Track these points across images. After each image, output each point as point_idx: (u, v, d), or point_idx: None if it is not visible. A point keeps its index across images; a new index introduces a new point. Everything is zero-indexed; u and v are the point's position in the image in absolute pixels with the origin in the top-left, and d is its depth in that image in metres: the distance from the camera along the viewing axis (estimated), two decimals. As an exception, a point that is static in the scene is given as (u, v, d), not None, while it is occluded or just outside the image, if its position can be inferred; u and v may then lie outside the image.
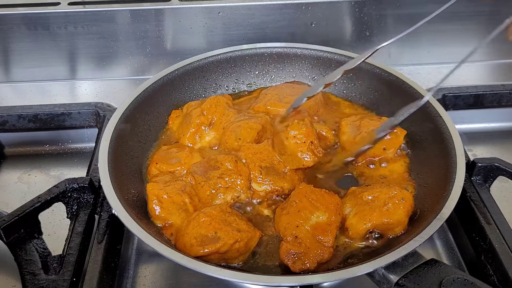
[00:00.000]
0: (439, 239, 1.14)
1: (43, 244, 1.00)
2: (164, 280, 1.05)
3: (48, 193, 1.04)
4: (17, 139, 1.37)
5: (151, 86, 1.22)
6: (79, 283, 0.95)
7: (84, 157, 1.34)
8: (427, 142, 1.15)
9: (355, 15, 1.49)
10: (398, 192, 1.01)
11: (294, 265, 0.92)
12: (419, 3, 1.45)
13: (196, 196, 1.05)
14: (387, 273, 0.86)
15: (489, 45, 1.60)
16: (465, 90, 1.38)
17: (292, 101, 1.25)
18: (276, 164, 1.10)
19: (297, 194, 1.02)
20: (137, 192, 1.06)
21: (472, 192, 1.09)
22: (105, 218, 1.03)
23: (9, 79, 1.54)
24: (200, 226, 0.94)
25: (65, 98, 1.49)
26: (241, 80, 1.39)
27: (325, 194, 1.02)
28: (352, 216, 1.00)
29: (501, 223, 1.02)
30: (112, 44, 1.49)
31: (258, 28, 1.49)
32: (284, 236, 0.96)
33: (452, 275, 0.84)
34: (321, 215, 0.98)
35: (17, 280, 0.96)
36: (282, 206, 1.03)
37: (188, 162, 1.12)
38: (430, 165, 1.10)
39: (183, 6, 1.44)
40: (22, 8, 1.42)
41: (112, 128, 1.09)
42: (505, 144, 1.42)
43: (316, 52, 1.36)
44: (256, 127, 1.17)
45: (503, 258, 0.96)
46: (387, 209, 0.98)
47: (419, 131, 1.18)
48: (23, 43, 1.46)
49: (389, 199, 0.99)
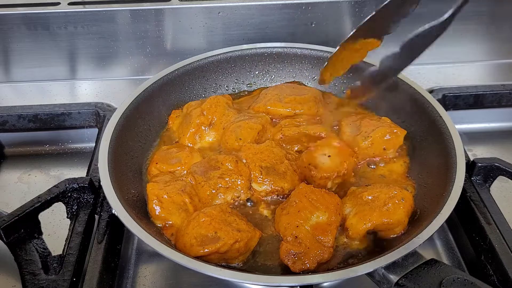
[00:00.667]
0: (439, 239, 1.14)
1: (43, 244, 1.00)
2: (164, 280, 1.05)
3: (48, 193, 1.04)
4: (17, 139, 1.37)
5: (151, 86, 1.22)
6: (79, 283, 0.95)
7: (84, 157, 1.34)
8: (427, 142, 1.15)
9: (355, 15, 1.49)
10: (398, 192, 1.01)
11: (294, 265, 0.92)
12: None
13: (196, 196, 1.05)
14: (387, 273, 0.86)
15: (489, 45, 1.61)
16: (465, 90, 1.38)
17: (292, 101, 1.26)
18: (276, 164, 1.10)
19: (297, 194, 1.01)
20: (137, 192, 1.06)
21: (472, 192, 1.09)
22: (105, 218, 1.03)
23: (9, 79, 1.54)
24: (200, 226, 0.94)
25: (65, 98, 1.49)
26: (241, 80, 1.39)
27: (325, 194, 1.02)
28: (352, 216, 1.00)
29: (501, 223, 1.02)
30: (112, 44, 1.49)
31: (258, 28, 1.49)
32: (284, 236, 0.96)
33: (452, 275, 0.84)
34: (321, 215, 0.98)
35: (17, 280, 0.96)
36: (282, 206, 1.03)
37: (188, 162, 1.12)
38: (430, 165, 1.10)
39: (183, 6, 1.44)
40: (22, 8, 1.42)
41: (112, 128, 1.09)
42: (505, 144, 1.42)
43: (316, 52, 1.37)
44: (257, 127, 1.17)
45: (503, 258, 0.96)
46: (387, 209, 0.98)
47: (419, 131, 1.18)
48: (23, 43, 1.46)
49: (389, 199, 0.99)
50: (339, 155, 1.07)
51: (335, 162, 1.06)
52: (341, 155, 1.07)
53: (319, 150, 1.08)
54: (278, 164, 1.10)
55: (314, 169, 1.06)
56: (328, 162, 1.06)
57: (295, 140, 1.18)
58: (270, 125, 1.23)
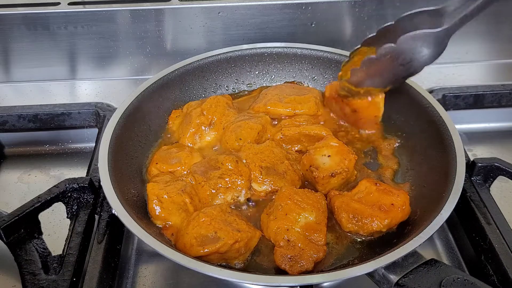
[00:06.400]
0: (439, 239, 1.14)
1: (43, 244, 1.00)
2: (164, 280, 1.05)
3: (48, 193, 1.04)
4: (17, 139, 1.38)
5: (151, 86, 1.22)
6: (79, 283, 0.95)
7: (84, 157, 1.34)
8: (427, 142, 1.15)
9: (355, 15, 1.49)
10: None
11: (292, 268, 0.92)
12: (419, 3, 1.45)
13: (196, 196, 1.05)
14: (387, 273, 0.86)
15: (489, 45, 1.61)
16: (465, 90, 1.38)
17: (292, 101, 1.26)
18: (276, 164, 1.10)
19: (281, 197, 1.01)
20: (137, 192, 1.06)
21: (472, 192, 1.09)
22: (105, 218, 1.03)
23: (9, 79, 1.54)
24: (200, 226, 0.94)
25: (65, 98, 1.49)
26: (241, 80, 1.39)
27: (308, 194, 1.02)
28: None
29: (501, 223, 1.02)
30: (112, 44, 1.49)
31: (258, 28, 1.49)
32: (276, 242, 0.96)
33: (452, 275, 0.84)
34: (309, 215, 0.98)
35: (17, 280, 0.96)
36: (267, 211, 1.03)
37: (188, 162, 1.12)
38: (430, 165, 1.10)
39: (183, 6, 1.44)
40: (22, 8, 1.42)
41: (112, 128, 1.09)
42: (505, 144, 1.42)
43: (316, 52, 1.37)
44: (257, 127, 1.17)
45: (503, 258, 0.96)
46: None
47: (419, 131, 1.18)
48: (23, 43, 1.46)
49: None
50: (338, 154, 1.07)
51: (335, 161, 1.06)
52: (341, 153, 1.07)
53: (318, 152, 1.09)
54: (278, 164, 1.10)
55: (316, 170, 1.06)
56: (329, 161, 1.07)
57: (295, 140, 1.18)
58: (270, 125, 1.23)
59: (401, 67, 1.06)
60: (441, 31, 0.98)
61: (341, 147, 1.09)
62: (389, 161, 1.19)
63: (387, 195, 1.01)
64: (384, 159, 1.19)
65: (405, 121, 1.23)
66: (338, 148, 1.09)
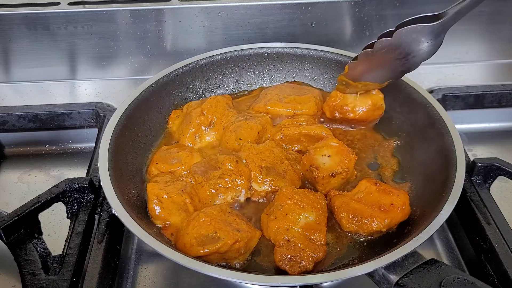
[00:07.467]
0: (439, 239, 1.14)
1: (43, 244, 1.00)
2: (164, 280, 1.05)
3: (48, 193, 1.04)
4: (17, 139, 1.38)
5: (151, 86, 1.22)
6: (79, 283, 0.95)
7: (84, 157, 1.34)
8: (427, 142, 1.15)
9: (355, 15, 1.49)
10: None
11: (292, 268, 0.92)
12: (419, 3, 1.45)
13: (196, 196, 1.05)
14: (387, 273, 0.86)
15: (489, 45, 1.61)
16: (465, 90, 1.38)
17: (292, 101, 1.26)
18: (276, 165, 1.10)
19: (281, 197, 1.01)
20: (137, 192, 1.06)
21: (472, 192, 1.09)
22: (105, 218, 1.03)
23: (9, 79, 1.54)
24: (200, 226, 0.94)
25: (65, 98, 1.49)
26: (241, 80, 1.39)
27: (308, 194, 1.03)
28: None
29: (501, 223, 1.02)
30: (112, 44, 1.49)
31: (258, 28, 1.49)
32: (276, 242, 0.96)
33: (452, 275, 0.84)
34: (309, 215, 0.98)
35: (17, 280, 0.96)
36: (267, 211, 1.03)
37: (188, 162, 1.12)
38: (430, 165, 1.10)
39: (183, 6, 1.44)
40: (22, 8, 1.42)
41: (112, 128, 1.09)
42: (505, 144, 1.42)
43: (316, 52, 1.37)
44: (257, 127, 1.17)
45: (503, 258, 0.96)
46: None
47: (419, 131, 1.18)
48: (23, 43, 1.46)
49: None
50: (338, 154, 1.07)
51: (335, 161, 1.06)
52: (341, 153, 1.08)
53: (318, 152, 1.09)
54: (278, 164, 1.10)
55: (316, 170, 1.06)
56: (329, 161, 1.07)
57: (295, 140, 1.18)
58: (270, 125, 1.23)
59: (397, 62, 1.06)
60: (436, 25, 0.98)
61: (341, 147, 1.09)
62: (389, 161, 1.19)
63: (387, 195, 1.01)
64: (384, 159, 1.19)
65: (405, 121, 1.23)
66: (338, 148, 1.09)
